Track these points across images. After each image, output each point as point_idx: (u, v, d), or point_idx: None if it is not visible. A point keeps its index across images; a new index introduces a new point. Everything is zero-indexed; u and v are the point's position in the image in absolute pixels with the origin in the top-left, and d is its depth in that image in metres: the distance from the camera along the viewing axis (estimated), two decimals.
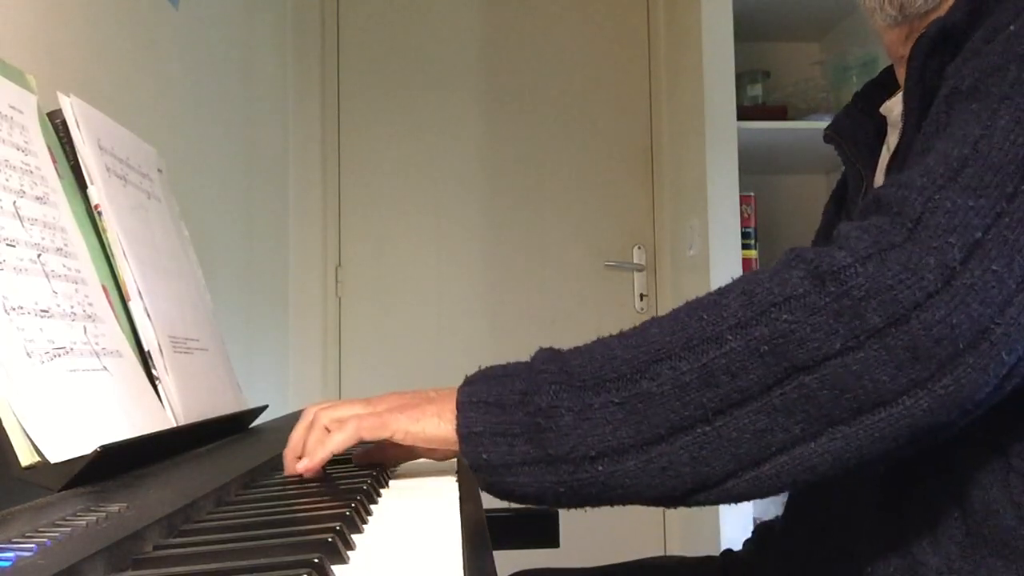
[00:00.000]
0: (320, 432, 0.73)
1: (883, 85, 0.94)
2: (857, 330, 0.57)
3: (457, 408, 0.67)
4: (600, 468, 0.62)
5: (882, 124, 0.92)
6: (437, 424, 0.69)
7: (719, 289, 0.64)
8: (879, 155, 0.92)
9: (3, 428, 0.60)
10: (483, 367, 0.71)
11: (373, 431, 0.71)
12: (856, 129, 0.94)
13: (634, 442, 0.61)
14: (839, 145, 0.95)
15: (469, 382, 0.69)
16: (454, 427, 0.67)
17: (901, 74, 0.89)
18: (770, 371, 0.59)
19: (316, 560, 0.42)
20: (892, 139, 0.89)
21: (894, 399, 0.57)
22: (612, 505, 0.65)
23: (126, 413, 0.74)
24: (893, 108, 0.88)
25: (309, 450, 0.72)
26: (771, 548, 0.97)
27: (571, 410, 0.63)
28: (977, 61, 0.67)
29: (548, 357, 0.67)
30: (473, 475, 0.67)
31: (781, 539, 0.94)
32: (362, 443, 0.73)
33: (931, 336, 0.56)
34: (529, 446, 0.64)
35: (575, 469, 0.63)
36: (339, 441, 0.71)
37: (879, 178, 0.89)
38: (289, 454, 0.75)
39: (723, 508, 2.02)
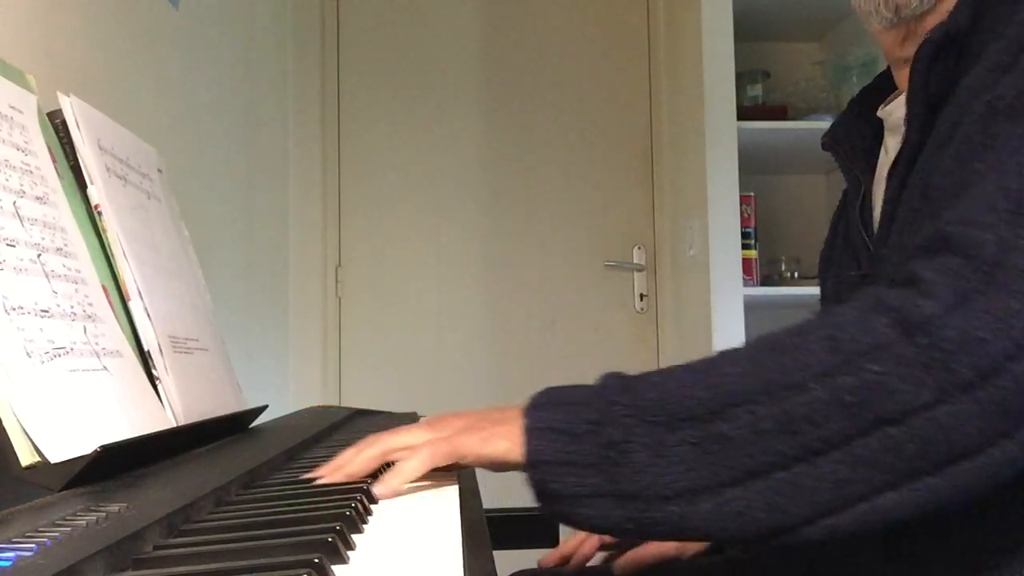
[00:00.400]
0: (390, 454, 0.71)
1: (879, 89, 0.94)
2: (947, 383, 0.56)
3: (524, 433, 0.65)
4: (673, 508, 0.60)
5: (879, 128, 0.92)
6: (507, 448, 0.66)
7: (799, 329, 0.62)
8: (877, 160, 0.92)
9: (3, 428, 0.60)
10: (547, 388, 0.68)
11: (446, 457, 0.68)
12: (853, 134, 0.94)
13: (709, 484, 0.59)
14: (836, 152, 0.95)
15: (536, 406, 0.66)
16: (522, 452, 0.65)
17: (900, 76, 0.89)
18: (854, 421, 0.57)
19: (316, 560, 0.42)
20: (891, 143, 0.89)
21: (980, 450, 0.56)
22: (680, 542, 0.63)
23: (126, 413, 0.74)
24: (893, 112, 0.88)
25: (384, 478, 0.68)
26: (774, 548, 0.97)
27: (646, 446, 0.61)
28: (1012, 78, 0.66)
29: (619, 387, 0.65)
30: (536, 503, 0.65)
31: None
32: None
33: (1021, 388, 0.55)
34: (599, 478, 0.62)
35: (647, 507, 0.61)
36: (414, 468, 0.68)
37: (879, 184, 0.89)
38: (336, 468, 0.71)
39: None
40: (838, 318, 0.61)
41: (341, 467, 0.71)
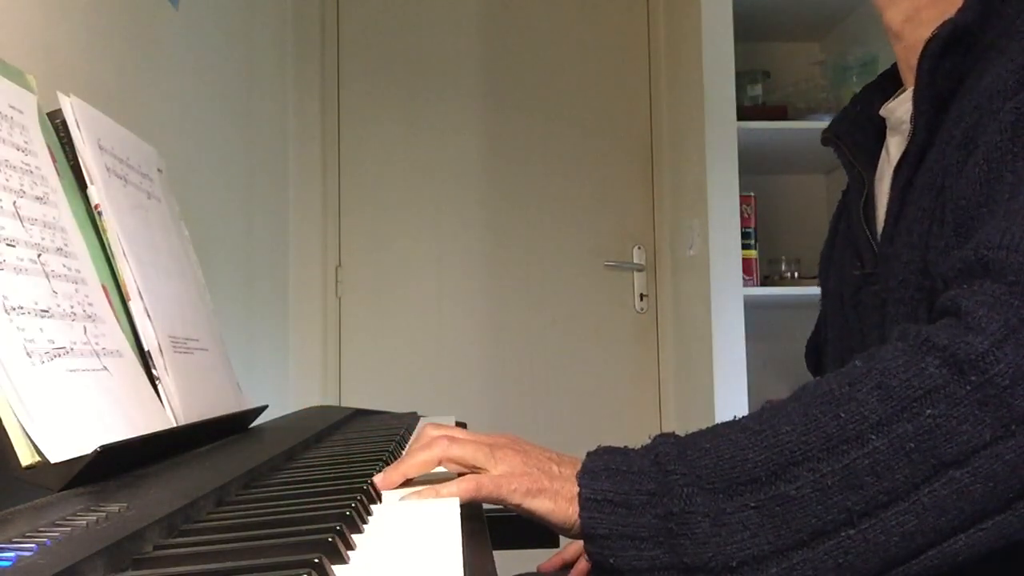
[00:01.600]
0: (445, 462, 0.70)
1: (882, 87, 0.94)
2: (1006, 419, 0.56)
3: (580, 503, 0.64)
4: None
5: (881, 127, 0.91)
6: (551, 509, 0.66)
7: (847, 378, 0.62)
8: (879, 158, 0.91)
9: (3, 428, 0.60)
10: (599, 449, 0.68)
11: (488, 497, 0.68)
12: (855, 131, 0.93)
13: (774, 548, 0.59)
14: (838, 147, 0.95)
15: (590, 473, 0.66)
16: (569, 515, 0.65)
17: (899, 53, 0.87)
18: (917, 469, 0.57)
19: (316, 560, 0.42)
20: (893, 141, 0.88)
21: None
22: None
23: (126, 413, 0.74)
24: (895, 110, 0.88)
25: (422, 491, 0.68)
26: None
27: (707, 515, 0.60)
28: None
29: (674, 453, 0.64)
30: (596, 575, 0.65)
31: None
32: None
33: None
34: (659, 551, 0.61)
35: None
36: (452, 493, 0.67)
37: (882, 182, 0.89)
38: (394, 468, 0.71)
39: None
40: (886, 363, 0.60)
41: (398, 467, 0.71)
